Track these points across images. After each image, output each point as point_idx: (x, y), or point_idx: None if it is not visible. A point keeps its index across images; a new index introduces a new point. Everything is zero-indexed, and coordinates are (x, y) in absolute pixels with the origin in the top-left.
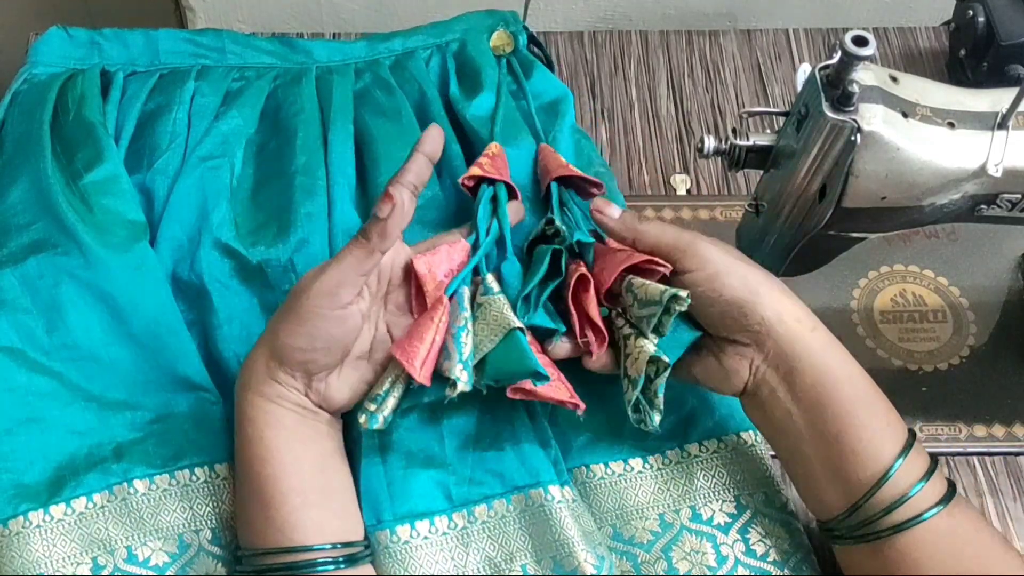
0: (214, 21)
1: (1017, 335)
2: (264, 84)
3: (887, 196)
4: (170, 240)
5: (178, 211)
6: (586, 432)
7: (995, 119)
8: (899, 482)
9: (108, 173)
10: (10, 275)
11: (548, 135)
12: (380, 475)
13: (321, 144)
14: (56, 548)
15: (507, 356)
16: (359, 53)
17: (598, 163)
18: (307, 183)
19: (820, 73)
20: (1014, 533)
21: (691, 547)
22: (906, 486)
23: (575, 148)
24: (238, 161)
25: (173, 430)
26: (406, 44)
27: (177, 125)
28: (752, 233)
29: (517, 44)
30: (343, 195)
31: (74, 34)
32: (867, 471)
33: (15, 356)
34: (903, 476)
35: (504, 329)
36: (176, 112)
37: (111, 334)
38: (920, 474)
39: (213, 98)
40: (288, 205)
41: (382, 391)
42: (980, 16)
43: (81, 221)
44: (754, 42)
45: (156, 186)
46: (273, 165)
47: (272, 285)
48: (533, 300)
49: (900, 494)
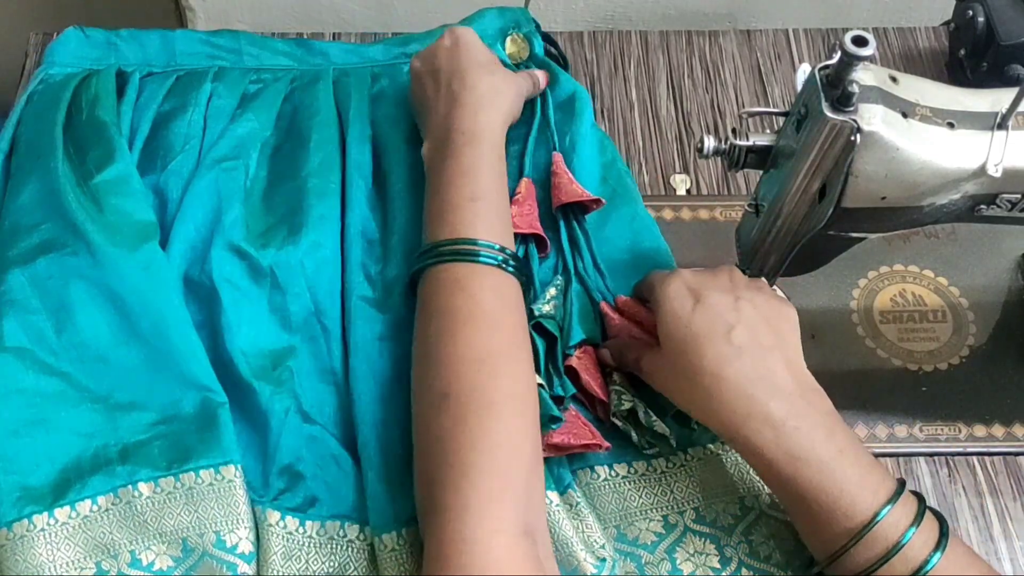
0: (214, 21)
1: (1017, 335)
2: (281, 87)
3: (887, 196)
4: (183, 241)
5: (192, 212)
6: None
7: (995, 119)
8: (889, 533)
9: (119, 173)
10: (20, 275)
11: (565, 136)
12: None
13: (337, 147)
14: (60, 552)
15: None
16: (376, 56)
17: (620, 163)
18: (320, 185)
19: (820, 73)
20: (1014, 533)
21: (695, 548)
22: (897, 535)
23: (599, 147)
24: (252, 163)
25: (179, 432)
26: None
27: (192, 127)
28: (752, 233)
29: (533, 49)
30: (359, 197)
31: (91, 34)
32: (841, 526)
33: (23, 357)
34: (892, 526)
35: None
36: (192, 114)
37: (119, 334)
38: (911, 520)
39: (229, 100)
40: (300, 207)
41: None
42: (980, 16)
43: (91, 220)
44: (754, 42)
45: (170, 187)
46: (287, 167)
47: (282, 287)
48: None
49: (892, 544)
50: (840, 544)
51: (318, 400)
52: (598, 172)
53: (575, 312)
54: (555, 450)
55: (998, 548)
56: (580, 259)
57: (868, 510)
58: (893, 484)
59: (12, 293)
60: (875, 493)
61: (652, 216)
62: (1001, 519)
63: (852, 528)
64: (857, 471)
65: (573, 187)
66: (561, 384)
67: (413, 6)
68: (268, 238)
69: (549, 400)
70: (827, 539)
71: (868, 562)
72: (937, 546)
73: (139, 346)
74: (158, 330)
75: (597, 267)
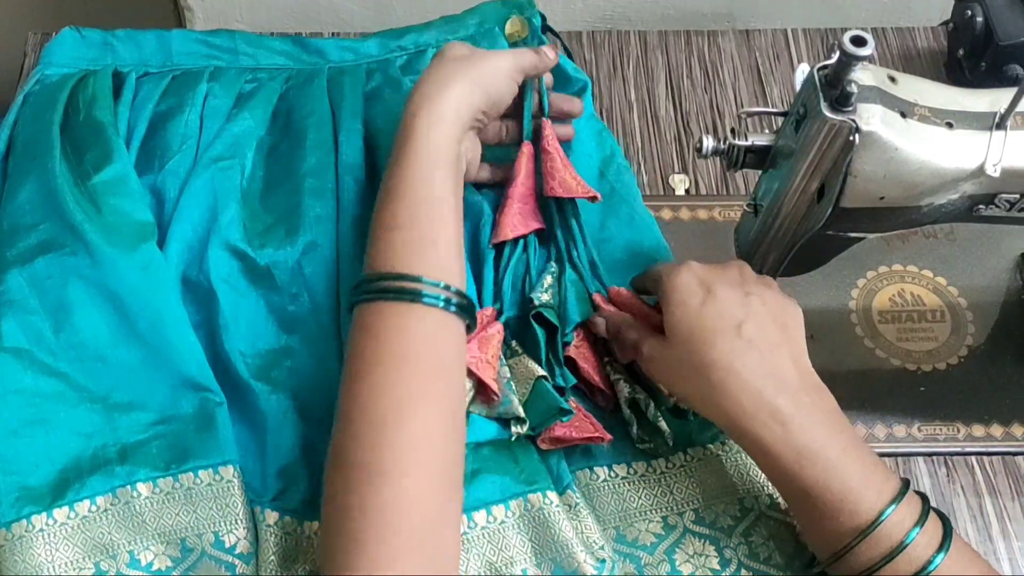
0: (213, 21)
1: (1015, 335)
2: (276, 86)
3: (885, 196)
4: (180, 241)
5: (188, 212)
6: None
7: (993, 119)
8: (893, 533)
9: (117, 173)
10: (18, 275)
11: (564, 125)
12: None
13: (331, 146)
14: (59, 553)
15: (537, 402)
16: (371, 52)
17: (620, 157)
18: (316, 185)
19: (818, 73)
20: (1013, 533)
21: (694, 550)
22: (902, 535)
23: (597, 139)
24: (248, 162)
25: (178, 432)
26: (419, 40)
27: (189, 127)
28: (751, 233)
29: (532, 28)
30: (352, 197)
31: (87, 35)
32: (845, 524)
33: (22, 357)
34: (896, 526)
35: (530, 380)
36: (188, 114)
37: (117, 334)
38: (915, 520)
39: (225, 100)
40: (297, 207)
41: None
42: (978, 16)
43: (89, 221)
44: (752, 42)
45: (167, 187)
46: (283, 167)
47: (279, 287)
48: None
49: (896, 544)
50: (844, 543)
51: (316, 400)
52: (596, 167)
53: (571, 297)
54: (557, 442)
55: (996, 548)
56: (574, 246)
57: (872, 509)
58: (898, 483)
59: (11, 293)
60: (879, 492)
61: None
62: (1000, 519)
63: (856, 526)
64: (861, 469)
65: (568, 177)
66: (562, 374)
67: (412, 5)
68: (265, 238)
69: (555, 393)
70: (831, 537)
71: (871, 561)
72: (941, 547)
73: (137, 346)
74: (156, 330)
75: (592, 262)
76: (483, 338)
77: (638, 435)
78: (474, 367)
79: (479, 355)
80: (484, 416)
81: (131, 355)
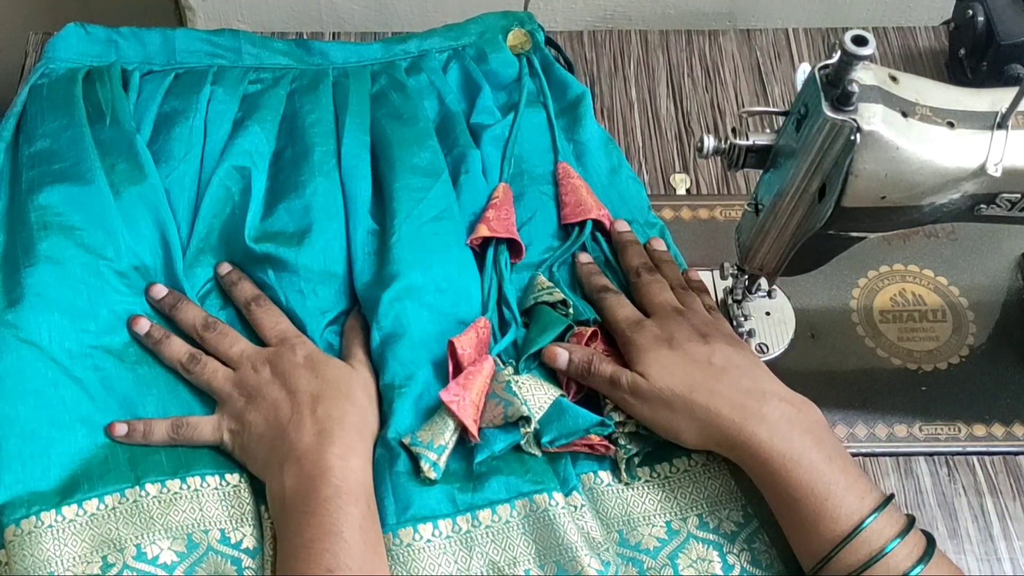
0: (213, 20)
1: (1016, 335)
2: (281, 90)
3: (887, 196)
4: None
5: (199, 225)
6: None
7: (994, 119)
8: (873, 540)
9: (149, 191)
10: (46, 272)
11: (571, 142)
12: (385, 480)
13: (335, 164)
14: (67, 548)
15: (563, 421)
16: (375, 55)
17: (626, 169)
18: (323, 191)
19: (820, 73)
20: (1014, 532)
21: (698, 555)
22: (882, 543)
23: (605, 153)
24: (256, 173)
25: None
26: (422, 46)
27: (193, 134)
28: (751, 232)
29: (535, 41)
30: (358, 202)
31: (91, 31)
32: (828, 530)
33: (43, 355)
34: (876, 534)
35: (550, 399)
36: (192, 120)
37: (133, 344)
38: (896, 532)
39: (229, 104)
40: (306, 215)
41: (444, 442)
42: (980, 15)
43: (129, 230)
44: (754, 42)
45: (173, 197)
46: (290, 174)
47: (288, 295)
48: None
49: (876, 551)
50: (826, 551)
51: None
52: (605, 178)
53: (548, 316)
54: (562, 447)
55: (998, 548)
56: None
57: (855, 514)
58: (880, 495)
59: (38, 287)
60: (862, 500)
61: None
62: (1001, 519)
63: (839, 533)
64: (845, 478)
65: (590, 199)
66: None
67: (413, 6)
68: (275, 247)
69: (586, 411)
70: (815, 545)
71: (851, 567)
72: (921, 559)
73: (152, 356)
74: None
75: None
76: (469, 374)
77: (624, 446)
78: (455, 408)
79: (462, 394)
80: (492, 427)
81: (149, 365)
